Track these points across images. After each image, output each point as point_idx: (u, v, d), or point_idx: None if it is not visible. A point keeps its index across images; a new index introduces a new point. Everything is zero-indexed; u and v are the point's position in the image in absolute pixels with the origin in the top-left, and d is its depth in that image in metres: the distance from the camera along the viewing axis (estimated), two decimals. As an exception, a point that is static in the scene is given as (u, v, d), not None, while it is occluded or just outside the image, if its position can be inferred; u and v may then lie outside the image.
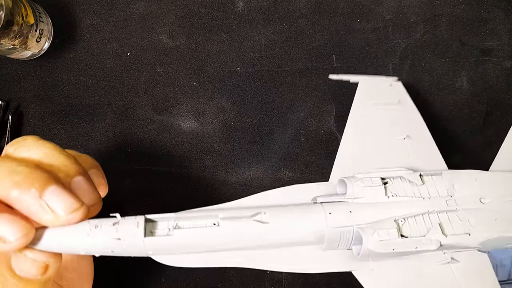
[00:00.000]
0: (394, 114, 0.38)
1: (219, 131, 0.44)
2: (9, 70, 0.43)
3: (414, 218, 0.31)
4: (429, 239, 0.30)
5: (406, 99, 0.39)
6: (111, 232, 0.25)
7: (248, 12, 0.45)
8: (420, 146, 0.37)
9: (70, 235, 0.24)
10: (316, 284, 0.44)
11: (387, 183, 0.32)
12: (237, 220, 0.28)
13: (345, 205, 0.30)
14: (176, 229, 0.27)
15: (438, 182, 0.33)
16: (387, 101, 0.39)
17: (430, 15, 0.46)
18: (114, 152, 0.43)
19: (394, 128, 0.37)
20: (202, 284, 0.43)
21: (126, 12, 0.44)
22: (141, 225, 0.26)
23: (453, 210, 0.32)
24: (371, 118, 0.38)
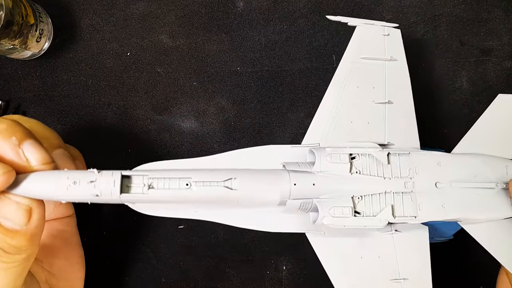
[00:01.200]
0: (382, 72, 0.37)
1: (219, 131, 0.44)
2: (9, 70, 0.43)
3: (371, 197, 0.33)
4: (379, 219, 0.32)
5: (400, 55, 0.38)
6: (89, 189, 0.27)
7: (248, 12, 0.45)
8: (399, 115, 0.37)
9: (50, 187, 0.26)
10: (317, 284, 0.44)
11: (354, 158, 0.33)
12: (208, 185, 0.29)
13: (310, 177, 0.32)
14: (150, 188, 0.28)
15: (403, 163, 0.34)
16: (379, 55, 0.37)
17: (430, 15, 0.46)
18: (114, 152, 0.43)
19: (378, 89, 0.37)
20: (202, 284, 0.43)
21: (126, 12, 0.44)
22: (117, 183, 0.27)
23: (408, 192, 0.34)
24: (358, 75, 0.37)
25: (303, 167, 0.33)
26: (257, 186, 0.31)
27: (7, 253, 0.25)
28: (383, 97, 0.37)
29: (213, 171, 0.30)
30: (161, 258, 0.43)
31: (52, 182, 0.26)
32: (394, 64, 0.38)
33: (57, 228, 0.35)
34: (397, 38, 0.38)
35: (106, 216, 0.43)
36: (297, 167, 0.33)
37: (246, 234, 0.44)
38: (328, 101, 0.36)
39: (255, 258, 0.44)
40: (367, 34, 0.38)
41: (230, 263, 0.43)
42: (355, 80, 0.37)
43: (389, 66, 0.38)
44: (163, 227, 0.43)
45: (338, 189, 0.32)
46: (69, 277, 0.35)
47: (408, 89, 0.37)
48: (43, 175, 0.26)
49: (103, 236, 0.43)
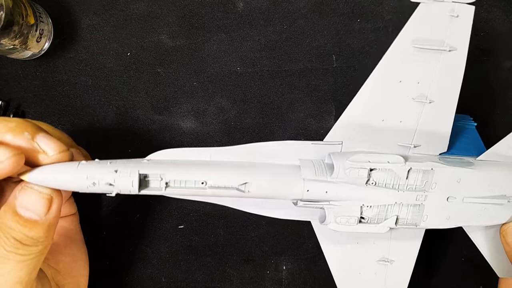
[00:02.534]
0: (433, 66, 0.32)
1: (219, 131, 0.44)
2: (9, 70, 0.43)
3: (379, 207, 0.33)
4: (382, 226, 0.33)
5: (462, 43, 0.32)
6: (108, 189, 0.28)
7: (248, 12, 0.45)
8: (436, 116, 0.34)
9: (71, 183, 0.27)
10: (317, 284, 0.44)
11: (373, 170, 0.32)
12: (222, 188, 0.30)
13: (324, 185, 0.32)
14: (167, 187, 0.30)
15: (421, 178, 0.33)
16: (436, 45, 0.32)
17: (430, 15, 0.46)
18: (114, 152, 0.43)
19: (422, 85, 0.33)
20: (202, 284, 0.43)
21: (126, 12, 0.44)
22: (135, 184, 0.28)
23: (418, 205, 0.34)
24: (404, 68, 0.32)
25: (319, 172, 0.32)
26: (269, 190, 0.31)
27: (24, 245, 0.26)
28: (426, 95, 0.33)
29: (229, 171, 0.31)
30: (161, 258, 0.43)
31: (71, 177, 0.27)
32: (451, 56, 0.32)
33: (62, 226, 0.36)
34: (467, 20, 0.32)
35: (106, 216, 0.43)
36: (313, 171, 0.32)
37: (246, 234, 0.44)
38: (364, 94, 0.33)
39: (255, 258, 0.44)
40: (429, 15, 0.31)
41: (230, 263, 0.43)
42: (400, 72, 0.33)
43: (444, 59, 0.32)
44: (163, 227, 0.43)
45: (349, 197, 0.32)
46: (74, 274, 0.35)
47: (457, 86, 0.33)
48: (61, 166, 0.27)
49: (103, 236, 0.43)
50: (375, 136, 0.34)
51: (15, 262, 0.25)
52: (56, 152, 0.27)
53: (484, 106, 0.46)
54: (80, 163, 0.28)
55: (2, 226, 0.25)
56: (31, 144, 0.26)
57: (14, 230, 0.25)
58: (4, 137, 0.25)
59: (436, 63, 0.33)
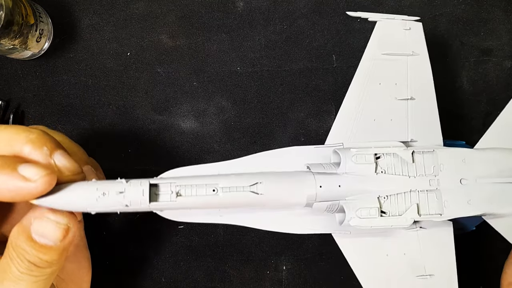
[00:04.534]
0: (404, 68, 0.37)
1: (219, 131, 0.44)
2: (9, 70, 0.43)
3: (396, 196, 0.33)
4: (405, 218, 0.33)
5: (422, 49, 0.37)
6: (118, 200, 0.27)
7: (248, 12, 0.45)
8: (422, 111, 0.37)
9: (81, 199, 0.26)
10: (317, 284, 0.44)
11: (379, 158, 0.33)
12: (234, 191, 0.30)
13: (336, 178, 0.32)
14: (178, 196, 0.29)
15: (427, 161, 0.34)
16: (400, 50, 0.37)
17: (430, 15, 0.46)
18: (114, 152, 0.43)
19: (400, 85, 0.37)
20: (202, 284, 0.43)
21: (126, 12, 0.44)
22: (146, 193, 0.28)
23: (433, 190, 0.34)
24: (379, 71, 0.37)
25: (328, 168, 0.33)
26: (283, 189, 0.31)
27: (38, 267, 0.26)
28: (406, 93, 0.37)
29: (239, 176, 0.31)
30: (161, 258, 0.43)
31: (82, 193, 0.26)
32: (416, 59, 0.37)
33: None
34: (419, 31, 0.38)
35: (106, 216, 0.43)
36: (322, 168, 0.33)
37: (246, 234, 0.44)
38: (351, 100, 0.36)
39: (255, 258, 0.43)
40: (387, 29, 0.37)
41: (230, 263, 0.43)
42: (377, 77, 0.37)
43: (411, 61, 0.37)
44: (163, 227, 0.43)
45: (364, 190, 0.32)
46: (77, 281, 0.35)
47: (431, 84, 0.37)
48: (73, 187, 0.26)
49: (103, 236, 0.43)
50: (372, 136, 0.36)
51: (29, 282, 0.25)
52: (71, 174, 0.26)
53: (484, 106, 0.46)
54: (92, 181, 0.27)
55: (16, 248, 0.25)
56: (47, 160, 0.25)
57: (28, 253, 0.25)
58: (22, 148, 0.25)
59: (405, 65, 0.37)
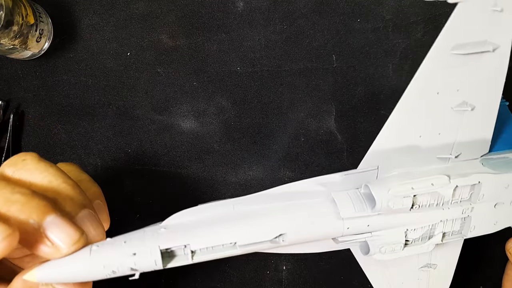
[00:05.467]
0: (473, 70, 0.29)
1: (219, 131, 0.44)
2: (9, 70, 0.43)
3: (423, 228, 0.31)
4: (427, 245, 0.31)
5: (504, 41, 0.28)
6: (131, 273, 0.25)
7: (248, 12, 0.45)
8: (477, 123, 0.31)
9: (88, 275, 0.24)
10: (317, 284, 0.44)
11: (416, 195, 0.30)
12: (256, 244, 0.28)
13: (366, 220, 0.30)
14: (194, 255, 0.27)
15: (467, 191, 0.31)
16: (477, 48, 0.28)
17: (430, 15, 0.46)
18: (114, 152, 0.43)
19: (462, 93, 0.29)
20: (202, 284, 0.43)
21: (126, 12, 0.44)
22: (159, 262, 0.26)
23: (465, 217, 0.32)
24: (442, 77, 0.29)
25: (358, 207, 0.30)
26: (307, 237, 0.29)
27: None
28: (466, 102, 0.30)
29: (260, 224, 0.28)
30: (161, 258, 0.43)
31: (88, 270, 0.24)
32: (493, 58, 0.28)
33: None
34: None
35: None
36: (350, 205, 0.29)
37: (246, 234, 0.44)
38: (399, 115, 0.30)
39: (255, 258, 0.44)
40: (470, 15, 0.27)
41: (230, 263, 0.43)
42: (438, 84, 0.29)
43: (485, 59, 0.28)
44: (163, 227, 0.43)
45: (393, 225, 0.31)
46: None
47: (500, 86, 0.30)
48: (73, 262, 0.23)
49: (103, 236, 0.43)
50: (412, 154, 0.31)
51: None
52: (68, 245, 0.23)
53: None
54: (92, 250, 0.24)
55: None
56: (39, 236, 0.22)
57: None
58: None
59: (477, 65, 0.29)
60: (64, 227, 0.22)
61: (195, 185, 0.43)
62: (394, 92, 0.44)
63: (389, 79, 0.44)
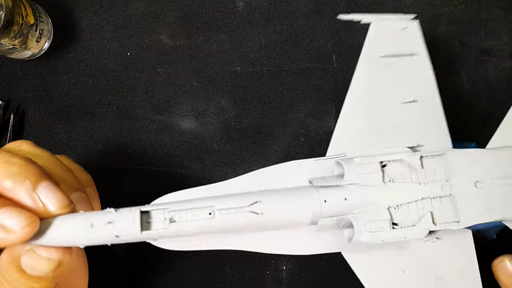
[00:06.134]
0: (403, 70, 0.35)
1: (219, 131, 0.44)
2: (9, 70, 0.43)
3: (408, 205, 0.31)
4: (419, 228, 0.30)
5: (420, 48, 0.35)
6: (108, 230, 0.25)
7: (248, 12, 0.45)
8: (426, 114, 0.35)
9: (68, 232, 0.25)
10: (317, 284, 0.44)
11: (385, 166, 0.31)
12: (232, 212, 0.28)
13: (341, 191, 0.30)
14: (172, 222, 0.27)
15: (437, 164, 0.32)
16: (398, 51, 0.35)
17: (430, 15, 0.46)
18: (114, 152, 0.43)
19: (401, 88, 0.34)
20: (202, 284, 0.43)
21: (126, 12, 0.44)
22: (137, 221, 0.26)
23: (447, 196, 0.31)
24: (378, 76, 0.35)
25: (331, 181, 0.31)
26: (284, 207, 0.29)
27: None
28: (408, 96, 0.34)
29: (236, 196, 0.29)
30: (161, 258, 0.43)
31: (69, 227, 0.25)
32: (416, 60, 0.35)
33: None
34: (416, 30, 0.35)
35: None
36: (325, 182, 0.31)
37: (246, 234, 0.44)
38: (349, 108, 0.34)
39: (255, 258, 0.43)
40: (382, 30, 0.35)
41: (230, 263, 0.43)
42: (376, 81, 0.35)
43: (410, 62, 0.35)
44: (163, 227, 0.43)
45: (372, 201, 0.30)
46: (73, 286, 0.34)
47: (433, 84, 0.35)
48: (59, 221, 0.25)
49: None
50: (375, 143, 0.34)
51: None
52: (57, 208, 0.24)
53: (484, 106, 0.45)
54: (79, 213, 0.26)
55: (5, 276, 0.24)
56: (31, 196, 0.24)
57: (19, 282, 0.24)
58: (2, 183, 0.23)
59: (405, 67, 0.35)
60: (56, 192, 0.24)
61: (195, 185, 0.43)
62: (394, 92, 0.44)
63: (389, 79, 0.44)
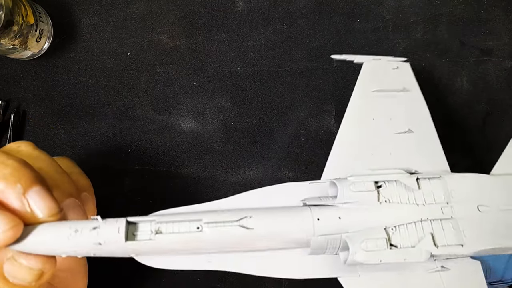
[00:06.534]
0: (397, 103, 0.35)
1: (219, 131, 0.44)
2: (9, 70, 0.43)
3: (406, 226, 0.29)
4: (419, 250, 0.28)
5: (413, 85, 0.36)
6: (91, 237, 0.25)
7: (248, 12, 0.45)
8: (422, 142, 0.34)
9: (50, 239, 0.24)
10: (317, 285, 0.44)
11: (381, 187, 0.30)
12: (221, 226, 0.27)
13: (334, 210, 0.29)
14: (158, 233, 0.26)
15: (435, 187, 0.31)
16: (391, 87, 0.36)
17: (430, 15, 0.46)
18: (114, 152, 0.43)
19: (395, 120, 0.35)
20: (202, 284, 0.43)
21: (126, 12, 0.44)
22: (122, 230, 0.25)
23: (448, 219, 0.30)
24: (372, 108, 0.35)
25: (325, 200, 0.30)
26: (275, 223, 0.27)
27: None
28: (403, 127, 0.34)
29: (226, 211, 0.28)
30: (161, 258, 0.43)
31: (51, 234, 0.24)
32: (409, 95, 0.36)
33: None
34: (407, 70, 0.37)
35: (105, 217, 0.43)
36: (318, 201, 0.30)
37: (246, 234, 0.44)
38: (344, 136, 0.34)
39: (255, 258, 0.43)
40: (375, 68, 0.36)
41: (230, 263, 0.43)
42: (370, 113, 0.35)
43: (403, 97, 0.36)
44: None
45: (367, 221, 0.29)
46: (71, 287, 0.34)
47: (428, 118, 0.35)
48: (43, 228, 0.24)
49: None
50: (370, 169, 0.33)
51: None
52: (45, 215, 0.24)
53: (484, 106, 0.45)
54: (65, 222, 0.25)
55: None
56: (20, 200, 0.23)
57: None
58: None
59: (399, 101, 0.36)
60: (46, 199, 0.24)
61: (195, 185, 0.43)
62: (394, 92, 0.44)
63: (389, 79, 0.44)
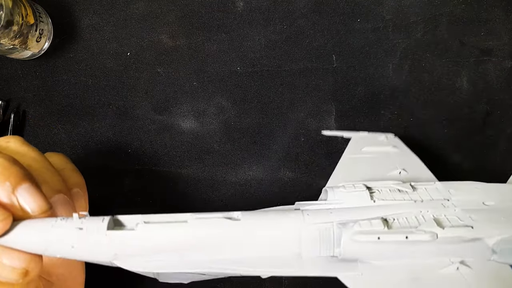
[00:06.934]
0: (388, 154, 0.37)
1: (219, 131, 0.44)
2: (9, 70, 0.43)
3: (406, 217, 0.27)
4: (422, 230, 0.25)
5: (403, 147, 0.38)
6: (75, 222, 0.24)
7: (248, 12, 0.45)
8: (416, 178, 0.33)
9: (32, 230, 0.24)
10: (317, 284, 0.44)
11: (374, 192, 0.29)
12: (207, 218, 0.26)
13: (325, 206, 0.28)
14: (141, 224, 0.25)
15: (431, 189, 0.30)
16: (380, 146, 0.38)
17: (430, 15, 0.46)
18: (114, 152, 0.43)
19: (388, 163, 0.35)
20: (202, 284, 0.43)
21: (126, 12, 0.44)
22: (105, 220, 0.25)
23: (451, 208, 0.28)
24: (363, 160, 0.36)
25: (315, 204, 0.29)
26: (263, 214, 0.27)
27: None
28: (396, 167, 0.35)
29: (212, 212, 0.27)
30: (161, 258, 0.43)
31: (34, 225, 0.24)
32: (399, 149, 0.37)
33: None
34: (397, 141, 0.38)
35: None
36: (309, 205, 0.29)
37: (246, 234, 0.44)
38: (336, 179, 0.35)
39: (255, 258, 0.43)
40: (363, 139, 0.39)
41: (230, 263, 0.43)
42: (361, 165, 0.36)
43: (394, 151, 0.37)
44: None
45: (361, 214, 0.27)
46: (69, 284, 0.34)
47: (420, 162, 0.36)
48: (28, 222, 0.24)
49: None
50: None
51: None
52: (34, 212, 0.24)
53: (484, 106, 0.45)
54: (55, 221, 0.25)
55: None
56: (10, 198, 0.23)
57: None
58: None
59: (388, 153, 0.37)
60: (35, 196, 0.24)
61: (195, 185, 0.43)
62: (394, 92, 0.44)
63: (389, 79, 0.44)
